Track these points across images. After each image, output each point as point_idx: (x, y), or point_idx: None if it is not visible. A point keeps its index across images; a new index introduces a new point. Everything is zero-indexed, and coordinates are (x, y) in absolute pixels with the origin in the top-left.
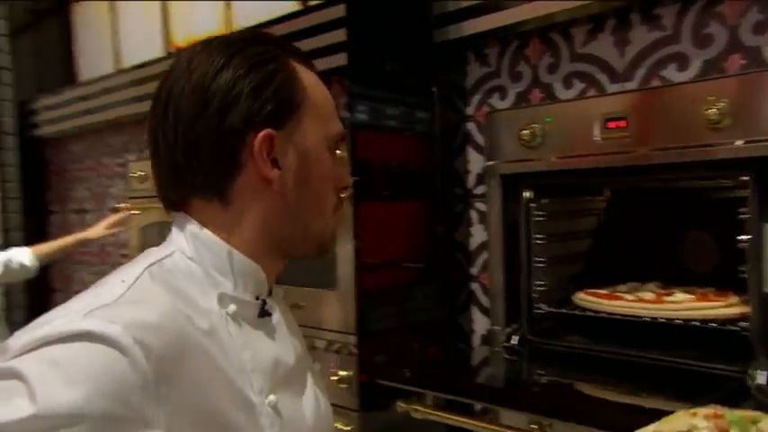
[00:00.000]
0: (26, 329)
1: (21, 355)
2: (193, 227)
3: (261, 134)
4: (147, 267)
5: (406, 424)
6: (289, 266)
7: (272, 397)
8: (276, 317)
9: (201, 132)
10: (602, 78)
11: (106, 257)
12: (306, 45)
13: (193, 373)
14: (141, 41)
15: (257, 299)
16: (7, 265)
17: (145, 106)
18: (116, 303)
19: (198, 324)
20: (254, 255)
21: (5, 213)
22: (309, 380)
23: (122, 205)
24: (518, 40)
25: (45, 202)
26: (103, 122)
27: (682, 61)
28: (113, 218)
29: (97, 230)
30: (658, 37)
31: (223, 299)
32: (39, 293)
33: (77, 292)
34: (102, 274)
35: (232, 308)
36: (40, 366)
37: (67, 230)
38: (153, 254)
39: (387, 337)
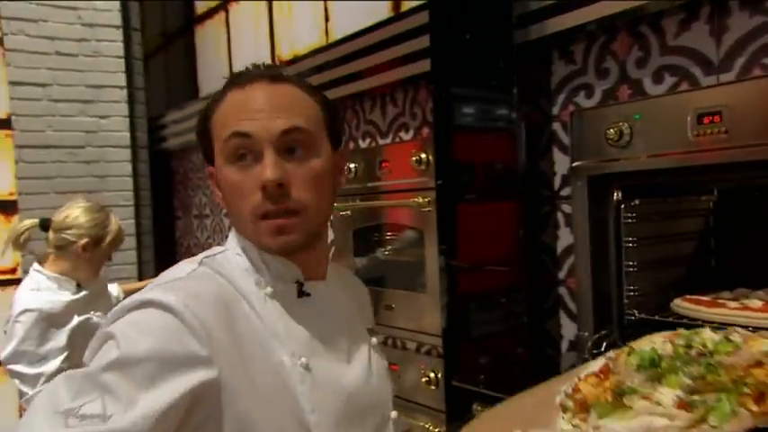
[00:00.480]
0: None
1: (114, 322)
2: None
3: (207, 170)
4: (202, 259)
5: None
6: (385, 269)
7: (303, 359)
8: (317, 297)
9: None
10: (696, 71)
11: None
12: (394, 53)
13: (238, 328)
14: (251, 56)
15: (296, 282)
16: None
17: None
18: (174, 281)
19: (240, 299)
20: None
21: (138, 219)
22: (362, 354)
23: None
24: (605, 35)
25: (172, 209)
26: None
27: None
28: None
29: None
30: (760, 23)
31: (260, 283)
32: None
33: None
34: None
35: (269, 289)
36: (123, 327)
37: (191, 234)
38: (213, 250)
39: (475, 340)
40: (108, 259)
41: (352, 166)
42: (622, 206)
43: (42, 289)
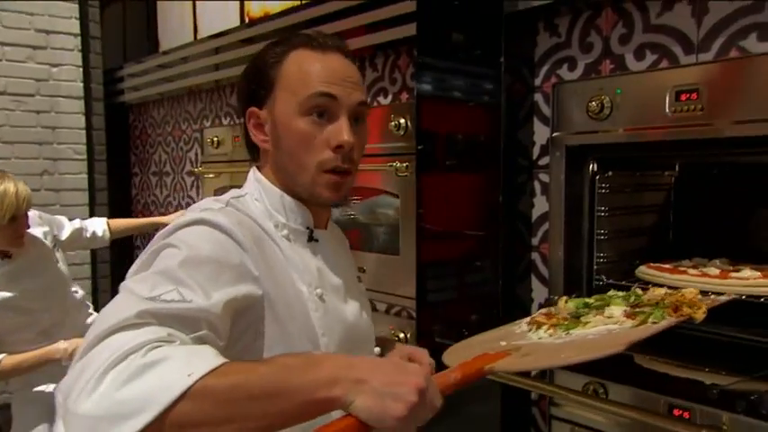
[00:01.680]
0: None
1: (164, 239)
2: (258, 175)
3: (247, 111)
4: (229, 200)
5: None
6: (359, 231)
7: (318, 290)
8: (323, 243)
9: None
10: (677, 50)
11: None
12: (376, 15)
13: (268, 257)
14: (218, 12)
15: (307, 228)
16: (79, 233)
17: (220, 74)
18: (214, 211)
19: (265, 235)
20: (294, 197)
21: (92, 174)
22: (355, 294)
23: (197, 169)
24: (590, 9)
25: (129, 165)
26: (183, 89)
27: (763, 31)
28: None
29: (172, 219)
30: (738, 7)
31: (278, 225)
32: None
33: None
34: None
35: (285, 231)
36: (182, 236)
37: (149, 191)
38: (233, 193)
39: (445, 303)
40: (23, 227)
41: None
42: (597, 177)
43: None
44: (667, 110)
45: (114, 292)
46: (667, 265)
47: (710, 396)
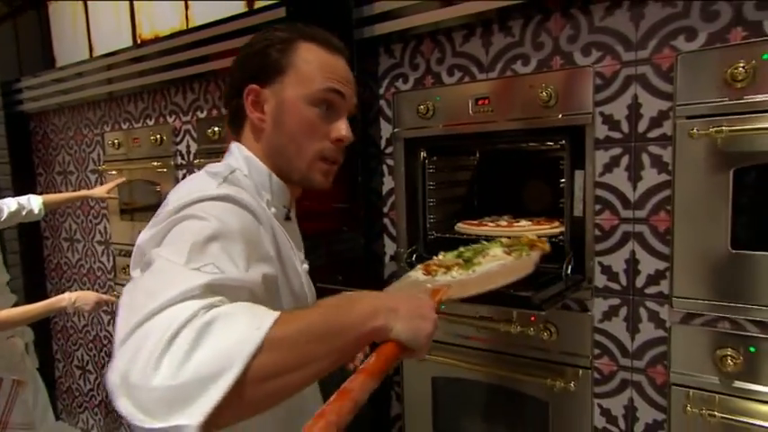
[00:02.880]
0: (166, 205)
1: (184, 209)
2: (247, 153)
3: (248, 87)
4: (225, 177)
5: None
6: None
7: (305, 265)
8: (293, 222)
9: (230, 84)
10: (474, 70)
11: (88, 210)
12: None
13: (276, 236)
14: (111, 32)
15: (284, 207)
16: (18, 211)
17: (114, 87)
18: (237, 189)
19: (264, 210)
20: (280, 177)
21: None
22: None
23: (113, 173)
24: (415, 39)
25: (33, 166)
26: (80, 100)
27: (525, 59)
28: (113, 183)
29: (101, 191)
30: (511, 41)
31: (268, 204)
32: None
33: (65, 239)
34: (83, 223)
35: (273, 210)
36: (208, 209)
37: (54, 189)
38: (222, 168)
39: (320, 260)
40: None
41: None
42: (426, 161)
43: None
44: (470, 111)
45: (28, 281)
46: (474, 222)
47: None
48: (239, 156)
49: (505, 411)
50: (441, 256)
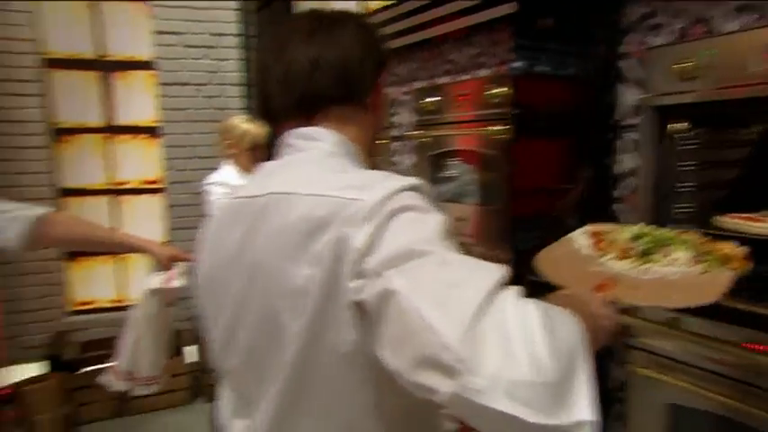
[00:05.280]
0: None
1: (384, 203)
2: (351, 146)
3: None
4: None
5: None
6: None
7: None
8: None
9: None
10: None
11: None
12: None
13: None
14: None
15: None
16: None
17: None
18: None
19: None
20: None
21: None
22: None
23: None
24: None
25: None
26: None
27: None
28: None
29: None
30: None
31: None
32: None
33: None
34: None
35: None
36: (415, 202)
37: None
38: (338, 156)
39: (533, 249)
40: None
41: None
42: (685, 135)
43: None
44: (756, 68)
45: None
46: (744, 215)
47: None
48: (341, 143)
49: None
50: (617, 229)
